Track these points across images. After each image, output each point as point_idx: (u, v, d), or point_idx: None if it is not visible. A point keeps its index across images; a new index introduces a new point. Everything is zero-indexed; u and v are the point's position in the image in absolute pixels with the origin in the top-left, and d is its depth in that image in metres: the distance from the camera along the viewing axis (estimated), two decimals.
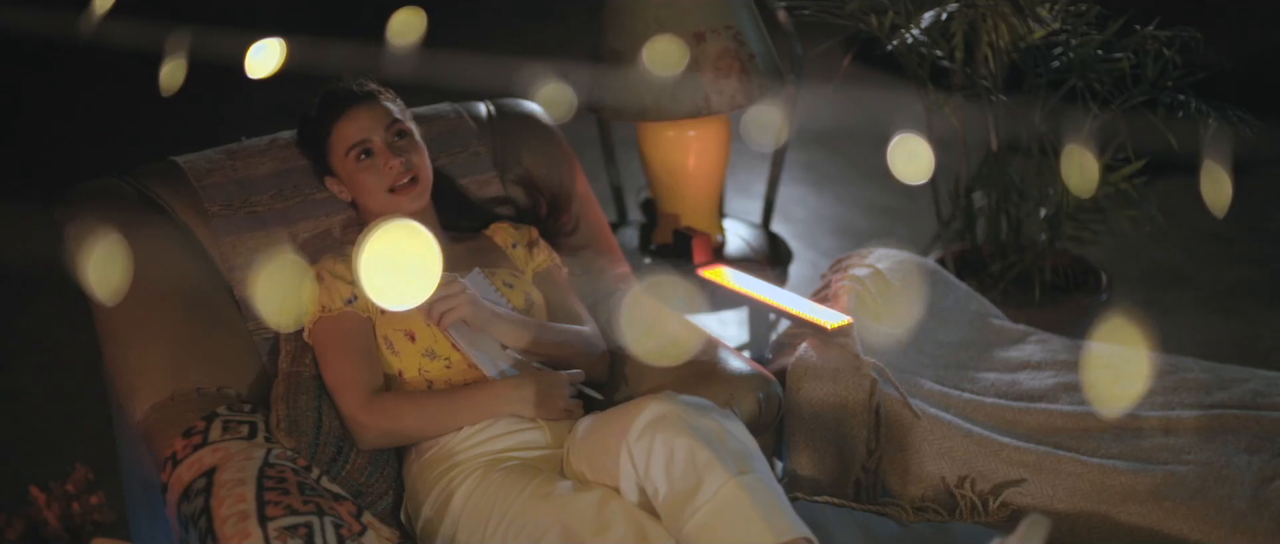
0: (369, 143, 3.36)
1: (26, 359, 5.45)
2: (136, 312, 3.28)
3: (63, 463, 2.96)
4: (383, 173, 3.35)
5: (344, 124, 3.37)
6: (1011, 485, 3.29)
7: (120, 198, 3.43)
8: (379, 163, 3.35)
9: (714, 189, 4.51)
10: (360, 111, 3.37)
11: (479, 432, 3.18)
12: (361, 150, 3.36)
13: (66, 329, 5.54)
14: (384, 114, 3.38)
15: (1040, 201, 4.50)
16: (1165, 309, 5.43)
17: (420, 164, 3.38)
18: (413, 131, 3.42)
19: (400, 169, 3.34)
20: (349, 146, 3.37)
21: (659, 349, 3.41)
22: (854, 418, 3.41)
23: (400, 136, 3.38)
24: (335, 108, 3.39)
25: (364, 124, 3.36)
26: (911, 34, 4.20)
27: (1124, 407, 2.28)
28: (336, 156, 3.39)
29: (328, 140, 3.40)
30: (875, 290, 3.78)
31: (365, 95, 3.40)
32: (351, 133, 3.36)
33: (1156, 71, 4.12)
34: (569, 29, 4.14)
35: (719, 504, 2.77)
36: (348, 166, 3.38)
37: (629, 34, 4.19)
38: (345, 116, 3.37)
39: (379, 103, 3.40)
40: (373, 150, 3.36)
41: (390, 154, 3.35)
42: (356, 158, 3.36)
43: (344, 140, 3.37)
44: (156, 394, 3.25)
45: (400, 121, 3.40)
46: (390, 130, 3.37)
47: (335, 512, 2.92)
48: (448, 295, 3.20)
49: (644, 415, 2.90)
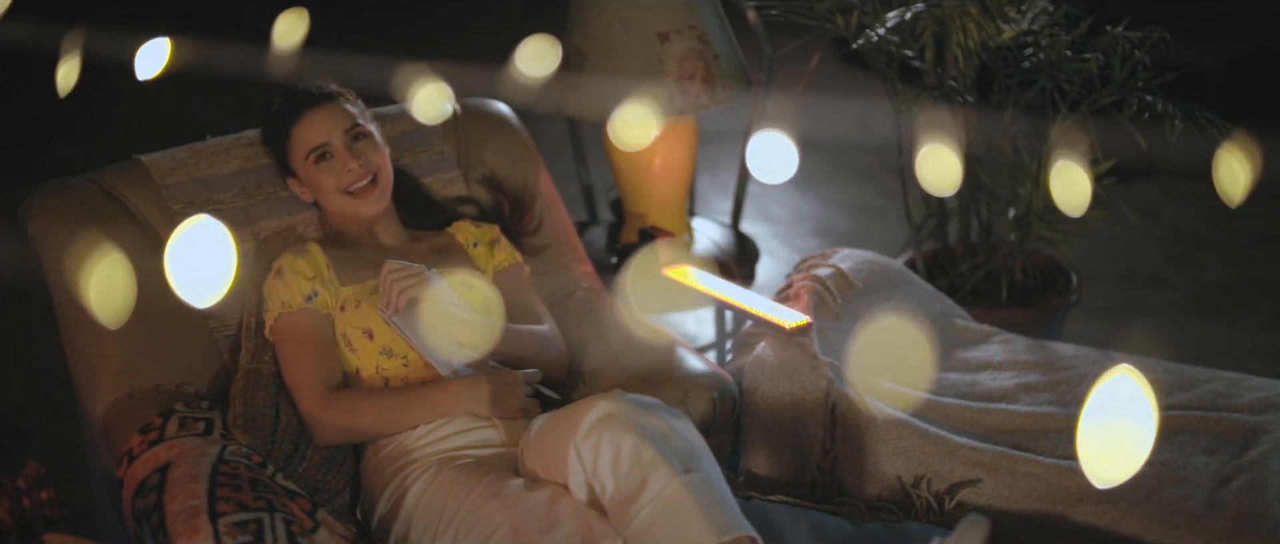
0: (328, 146, 3.37)
1: (4, 357, 5.46)
2: None
3: (30, 459, 2.98)
4: (341, 175, 3.36)
5: (302, 127, 3.39)
6: (967, 485, 3.29)
7: (83, 196, 3.44)
8: (337, 165, 3.36)
9: (680, 189, 4.52)
10: (319, 114, 3.38)
11: (434, 430, 3.19)
12: (320, 153, 3.37)
13: (45, 327, 5.56)
14: (343, 116, 3.39)
15: (1010, 202, 4.50)
16: (1142, 310, 5.44)
17: (380, 165, 3.39)
18: (373, 133, 3.43)
19: (359, 171, 3.35)
20: (308, 149, 3.38)
21: None
22: (810, 417, 3.42)
23: (359, 138, 3.39)
24: (294, 110, 3.40)
25: (322, 127, 3.37)
26: (877, 34, 4.20)
27: None
28: (296, 159, 3.41)
29: (287, 142, 3.42)
30: (836, 290, 3.79)
31: (324, 97, 3.41)
32: (310, 135, 3.38)
33: (1126, 73, 4.12)
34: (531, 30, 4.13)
35: (663, 502, 2.77)
36: (307, 169, 3.39)
37: (593, 34, 4.20)
38: (304, 119, 3.39)
39: (338, 105, 3.41)
40: (332, 152, 3.37)
41: (349, 156, 3.36)
42: (315, 160, 3.38)
43: (303, 143, 3.39)
44: (116, 391, 3.28)
45: (360, 124, 3.40)
46: (349, 133, 3.38)
47: (288, 508, 2.93)
48: (406, 274, 3.20)
49: (592, 414, 2.91)
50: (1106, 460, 2.06)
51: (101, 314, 3.08)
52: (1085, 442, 2.07)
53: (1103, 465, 2.06)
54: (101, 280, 2.97)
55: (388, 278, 3.22)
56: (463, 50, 5.56)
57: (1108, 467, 2.06)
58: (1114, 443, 2.05)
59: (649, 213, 4.47)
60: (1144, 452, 2.04)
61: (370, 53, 4.86)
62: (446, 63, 3.95)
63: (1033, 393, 3.58)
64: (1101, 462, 2.06)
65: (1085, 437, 2.07)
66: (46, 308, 3.46)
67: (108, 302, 2.99)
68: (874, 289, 3.87)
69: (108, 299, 3.00)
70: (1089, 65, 4.14)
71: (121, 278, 3.01)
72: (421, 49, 4.79)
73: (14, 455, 4.64)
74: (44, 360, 5.27)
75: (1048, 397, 3.57)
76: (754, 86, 4.48)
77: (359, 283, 3.33)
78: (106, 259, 2.89)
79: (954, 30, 4.19)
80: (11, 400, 5.14)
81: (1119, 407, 2.04)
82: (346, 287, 3.32)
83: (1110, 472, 2.06)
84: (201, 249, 2.35)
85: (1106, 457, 2.06)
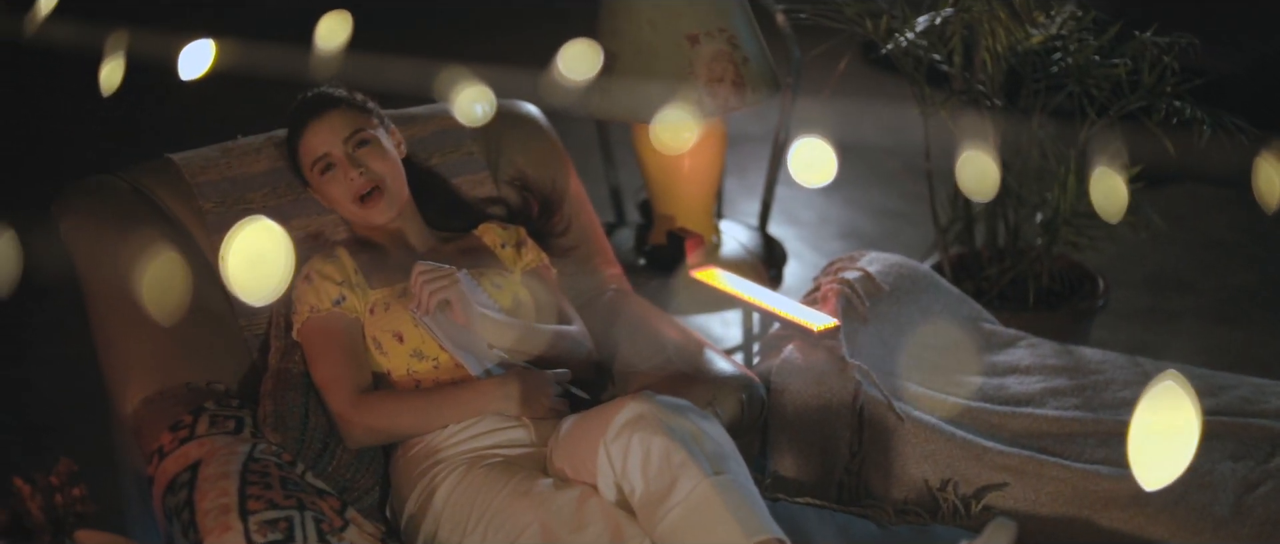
0: (329, 156, 3.38)
1: (37, 353, 5.48)
2: (129, 307, 3.30)
3: (60, 456, 2.99)
4: (344, 184, 3.37)
5: (305, 138, 3.41)
6: (994, 489, 3.29)
7: (115, 194, 3.45)
8: (339, 175, 3.37)
9: (708, 191, 4.52)
10: (318, 126, 3.39)
11: (463, 429, 3.19)
12: (324, 164, 3.38)
13: (78, 324, 5.58)
14: (343, 125, 3.40)
15: (1038, 207, 4.50)
16: (1168, 316, 5.43)
17: (384, 171, 3.39)
18: (377, 139, 3.42)
19: (360, 181, 3.35)
20: (312, 161, 3.40)
21: None
22: (837, 420, 3.43)
23: (361, 146, 3.39)
24: (297, 123, 3.43)
25: (323, 138, 3.38)
26: (906, 38, 4.20)
27: None
28: (305, 170, 3.44)
29: (296, 155, 3.45)
30: (864, 293, 3.79)
31: (324, 108, 3.41)
32: (313, 147, 3.40)
33: (1154, 78, 4.12)
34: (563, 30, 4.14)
35: (692, 504, 2.78)
36: (314, 180, 3.42)
37: (623, 36, 4.20)
38: (306, 131, 3.41)
39: (339, 112, 3.41)
40: (334, 163, 3.38)
41: (350, 166, 3.36)
42: (320, 172, 3.39)
43: (307, 155, 3.41)
44: (146, 388, 3.29)
45: (362, 131, 3.40)
46: (350, 141, 3.38)
47: (317, 507, 2.94)
48: (436, 276, 3.21)
49: (622, 415, 2.91)
50: (1153, 465, 2.08)
51: (155, 312, 3.10)
52: (1134, 447, 2.09)
53: (1150, 470, 2.08)
54: (155, 278, 2.99)
55: (418, 279, 3.23)
56: (490, 51, 5.57)
57: (1154, 471, 2.08)
58: (1159, 448, 2.07)
59: (678, 215, 4.47)
60: (1187, 457, 2.06)
61: (398, 54, 4.87)
62: (475, 64, 3.95)
63: (1060, 397, 3.58)
64: (1149, 466, 2.08)
65: (1135, 441, 2.09)
66: (74, 305, 3.47)
67: (162, 299, 3.01)
68: (901, 293, 3.87)
69: (162, 297, 3.02)
70: (1117, 70, 4.14)
71: (176, 276, 3.03)
72: (449, 50, 4.80)
73: (43, 452, 4.66)
74: (71, 357, 5.30)
75: (1075, 401, 3.57)
76: (783, 90, 4.48)
77: (387, 286, 3.34)
78: (161, 257, 2.91)
79: (983, 34, 4.20)
80: (39, 397, 5.16)
81: (1164, 413, 2.06)
82: (375, 290, 3.33)
83: (1156, 476, 2.08)
84: (258, 249, 2.36)
85: (1153, 461, 2.08)
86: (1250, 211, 3.37)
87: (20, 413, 5.04)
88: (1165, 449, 2.07)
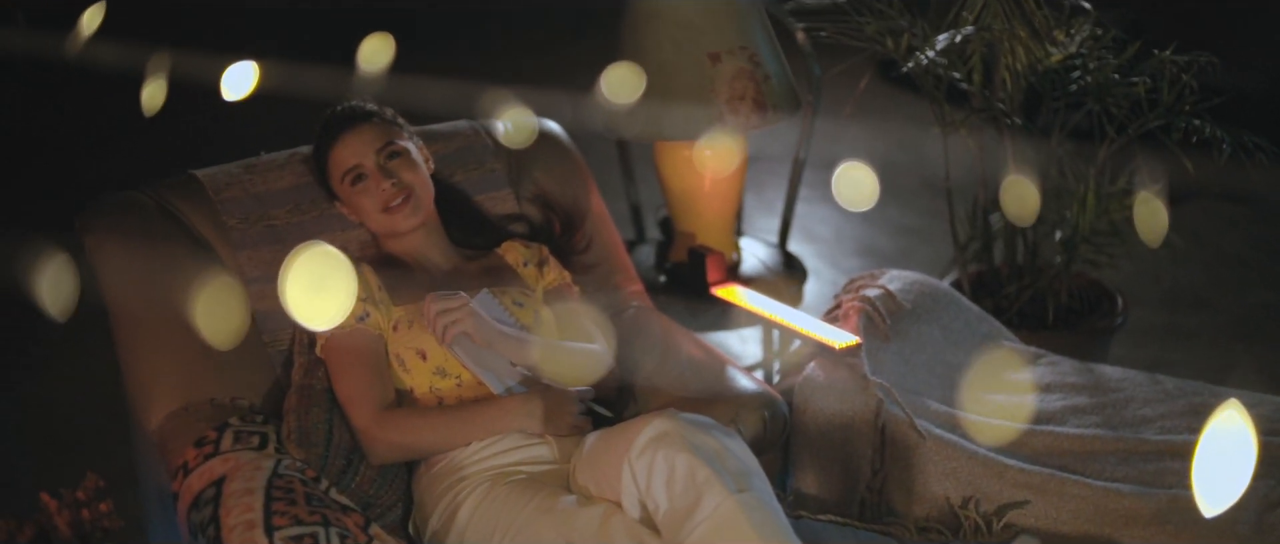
0: (360, 167, 3.40)
1: (53, 369, 5.49)
2: (153, 323, 3.32)
3: (82, 471, 3.00)
4: (376, 195, 3.39)
5: (337, 150, 3.42)
6: (1016, 507, 3.30)
7: (139, 210, 3.46)
8: (371, 186, 3.39)
9: (729, 208, 4.53)
10: (351, 138, 3.41)
11: (487, 446, 3.20)
12: (355, 175, 3.40)
13: (94, 340, 5.59)
14: (374, 137, 3.42)
15: (1057, 224, 4.51)
16: (1186, 333, 5.43)
17: (413, 182, 3.41)
18: (408, 151, 3.45)
19: (391, 191, 3.37)
20: (343, 172, 3.41)
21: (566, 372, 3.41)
22: (859, 437, 3.43)
23: (392, 157, 3.41)
24: (329, 135, 3.45)
25: (354, 149, 3.40)
26: (927, 56, 4.21)
27: None
28: (334, 182, 3.45)
29: (326, 166, 3.46)
30: (885, 311, 3.80)
31: (356, 120, 3.44)
32: (344, 158, 3.41)
33: (1173, 96, 4.12)
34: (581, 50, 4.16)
35: (717, 522, 2.78)
36: (345, 191, 3.43)
37: (645, 54, 4.21)
38: (337, 143, 3.42)
39: (371, 125, 3.44)
40: (365, 174, 3.40)
41: (381, 177, 3.38)
42: (351, 182, 3.41)
43: (338, 166, 3.42)
44: (171, 404, 3.29)
45: (394, 143, 3.43)
46: (382, 152, 3.41)
47: (342, 523, 2.94)
48: (450, 308, 3.22)
49: (646, 432, 2.92)
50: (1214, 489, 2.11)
51: (211, 336, 3.11)
52: (1199, 471, 2.12)
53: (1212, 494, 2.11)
54: (210, 302, 3.00)
55: (431, 312, 3.24)
56: (515, 72, 5.59)
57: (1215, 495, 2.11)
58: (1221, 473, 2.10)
59: (698, 232, 4.48)
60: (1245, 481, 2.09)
61: (424, 74, 4.88)
62: (499, 83, 3.97)
63: (1081, 415, 3.59)
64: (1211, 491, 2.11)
65: (1200, 466, 2.12)
66: (93, 321, 3.48)
67: (218, 324, 3.02)
68: (922, 310, 3.88)
69: (218, 322, 3.03)
70: (1137, 89, 4.15)
71: (234, 301, 3.04)
72: (475, 70, 4.82)
73: (63, 468, 4.67)
74: (91, 373, 5.31)
75: (1095, 419, 3.57)
76: (803, 107, 4.49)
77: (411, 303, 3.34)
78: (217, 281, 2.92)
79: (1003, 53, 4.20)
80: (59, 413, 5.17)
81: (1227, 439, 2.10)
82: (399, 307, 3.34)
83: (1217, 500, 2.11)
84: (317, 273, 2.37)
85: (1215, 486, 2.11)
86: (1267, 228, 3.38)
87: (38, 428, 5.05)
88: (1226, 474, 2.11)
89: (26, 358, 5.59)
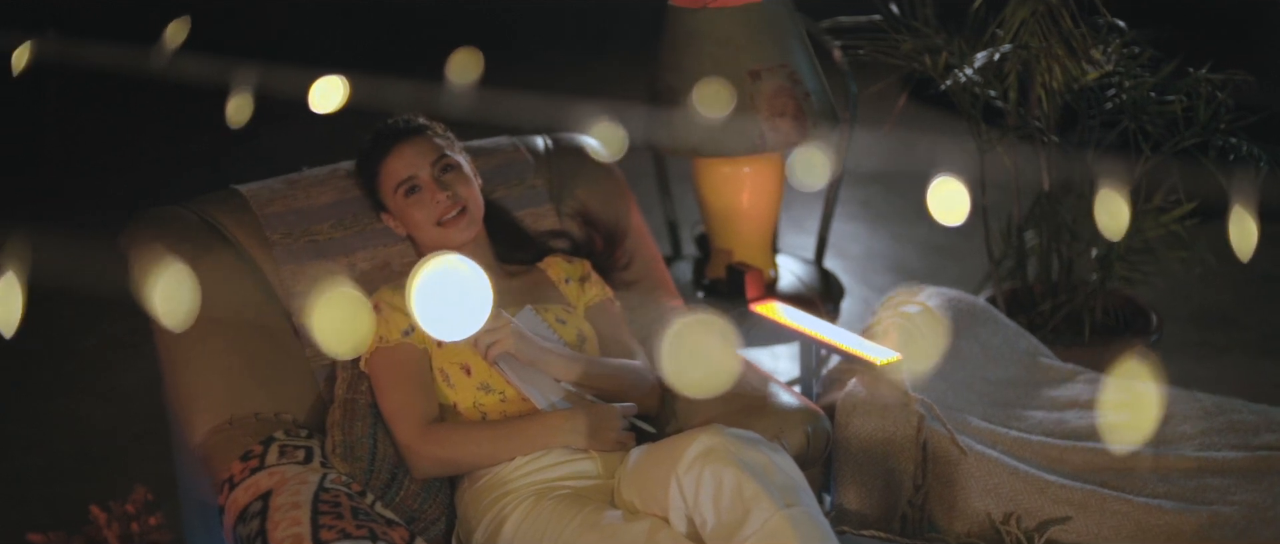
0: (416, 179, 3.41)
1: (85, 383, 5.51)
2: (197, 337, 3.32)
3: (119, 485, 3.01)
4: (430, 207, 3.40)
5: (391, 161, 3.43)
6: (1057, 523, 3.30)
7: (183, 225, 3.47)
8: (426, 198, 3.40)
9: (767, 225, 4.54)
10: (406, 148, 3.42)
11: (532, 460, 3.21)
12: (409, 186, 3.41)
13: (122, 354, 5.61)
14: (430, 149, 3.43)
15: (1092, 242, 4.51)
16: (1215, 350, 5.43)
17: (468, 196, 3.43)
18: (461, 165, 3.46)
19: (447, 203, 3.39)
20: (397, 183, 3.42)
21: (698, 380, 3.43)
22: (901, 453, 3.44)
23: (447, 170, 3.43)
24: (382, 146, 3.45)
25: (410, 160, 3.42)
26: (965, 74, 4.22)
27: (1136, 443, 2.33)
28: (386, 193, 3.45)
29: (377, 178, 3.46)
30: (925, 328, 3.80)
31: (411, 132, 3.45)
32: (398, 169, 3.42)
33: (1209, 114, 4.13)
34: (614, 67, 4.18)
35: (765, 536, 2.79)
36: (397, 202, 3.43)
37: (685, 71, 4.23)
38: (392, 154, 3.43)
39: (425, 138, 3.45)
40: (420, 186, 3.41)
41: (437, 188, 3.40)
42: (405, 194, 3.41)
43: (392, 177, 3.43)
44: (215, 418, 3.30)
45: (447, 156, 3.44)
46: (437, 165, 3.42)
47: (388, 537, 2.95)
48: (492, 329, 3.23)
49: (694, 447, 2.93)
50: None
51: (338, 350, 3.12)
52: None
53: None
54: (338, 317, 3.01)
55: (476, 335, 3.25)
56: (547, 84, 5.60)
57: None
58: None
59: (736, 249, 4.49)
60: None
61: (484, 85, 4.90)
62: (536, 96, 3.98)
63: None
64: None
65: None
66: (127, 335, 3.49)
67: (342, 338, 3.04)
68: (961, 327, 3.88)
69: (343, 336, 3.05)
70: (1173, 107, 4.15)
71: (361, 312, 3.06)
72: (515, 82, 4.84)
73: (101, 481, 4.69)
74: (126, 387, 5.34)
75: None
76: (841, 124, 4.51)
77: None
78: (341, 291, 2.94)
79: (1039, 71, 4.21)
80: (93, 427, 5.19)
81: None
82: None
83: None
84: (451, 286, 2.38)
85: None
86: None
87: (74, 443, 5.07)
88: None
89: (52, 374, 5.61)
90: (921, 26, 4.36)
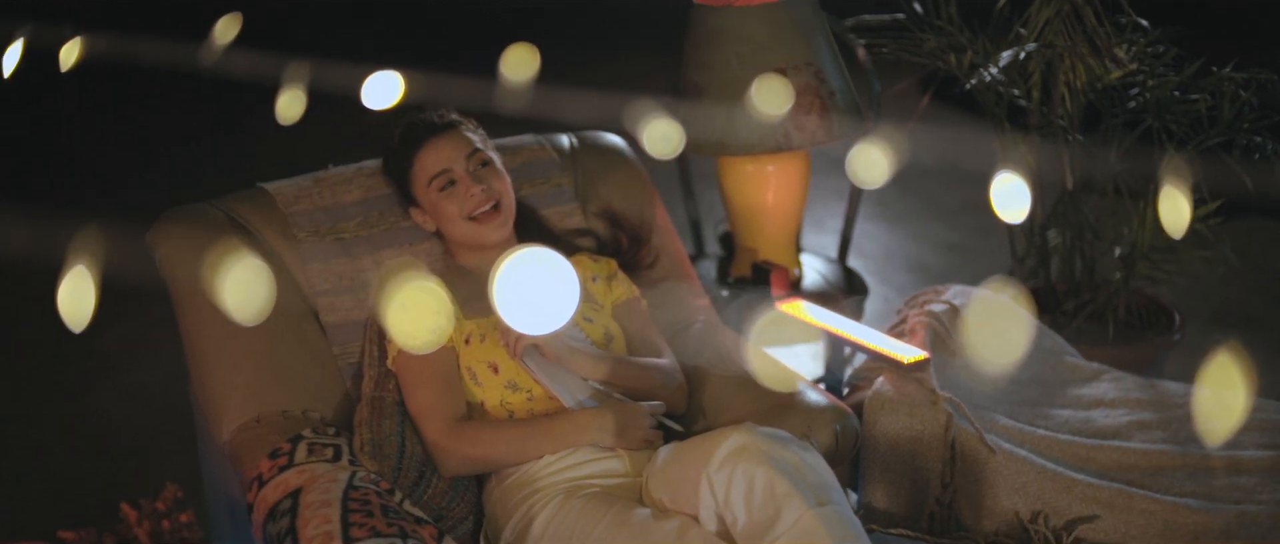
0: (451, 172, 3.41)
1: (107, 381, 5.52)
2: (224, 335, 3.33)
3: (144, 482, 3.01)
4: (464, 200, 3.39)
5: (425, 154, 3.42)
6: (1084, 521, 3.30)
7: (210, 222, 3.48)
8: (460, 191, 3.40)
9: (792, 223, 4.54)
10: (441, 142, 3.42)
11: (560, 459, 3.21)
12: (444, 180, 3.41)
13: (143, 353, 5.61)
14: (464, 143, 3.43)
15: (1115, 241, 4.51)
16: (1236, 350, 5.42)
17: (502, 191, 3.43)
18: (494, 161, 3.46)
19: (481, 196, 3.39)
20: (431, 176, 3.42)
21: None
22: (929, 452, 3.44)
23: (482, 166, 3.43)
24: (416, 139, 3.44)
25: (445, 154, 3.41)
26: (990, 73, 4.22)
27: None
28: (419, 186, 3.44)
29: (410, 171, 3.45)
30: (951, 326, 3.80)
31: (445, 126, 3.45)
32: (433, 163, 3.42)
33: (1232, 113, 4.13)
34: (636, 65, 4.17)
35: (797, 535, 2.79)
36: (430, 196, 3.43)
37: (710, 69, 4.22)
38: (426, 147, 3.43)
39: (459, 132, 3.45)
40: (455, 179, 3.40)
41: (471, 182, 3.39)
42: (439, 187, 3.41)
43: (425, 170, 3.42)
44: (243, 416, 3.31)
45: (481, 151, 3.44)
46: (471, 159, 3.42)
47: (418, 534, 2.95)
48: None
49: (725, 446, 2.92)
50: None
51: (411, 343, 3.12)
52: None
53: None
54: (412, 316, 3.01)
55: (502, 327, 3.25)
56: (580, 78, 5.60)
57: None
58: None
59: (761, 247, 4.49)
60: None
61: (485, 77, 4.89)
62: (565, 89, 3.98)
63: (1146, 430, 3.59)
64: None
65: None
66: (147, 332, 3.48)
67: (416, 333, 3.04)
68: (987, 325, 3.88)
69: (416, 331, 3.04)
70: (1197, 105, 4.15)
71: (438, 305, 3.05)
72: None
73: (128, 478, 4.69)
74: (147, 385, 5.34)
75: (1161, 434, 3.57)
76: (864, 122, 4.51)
77: (482, 317, 3.35)
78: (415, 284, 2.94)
79: (1063, 70, 4.21)
80: (114, 424, 5.19)
81: None
82: (470, 320, 3.35)
83: None
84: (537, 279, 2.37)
85: None
86: None
87: (99, 440, 5.07)
88: None
89: (73, 373, 5.61)
90: (945, 25, 4.36)
